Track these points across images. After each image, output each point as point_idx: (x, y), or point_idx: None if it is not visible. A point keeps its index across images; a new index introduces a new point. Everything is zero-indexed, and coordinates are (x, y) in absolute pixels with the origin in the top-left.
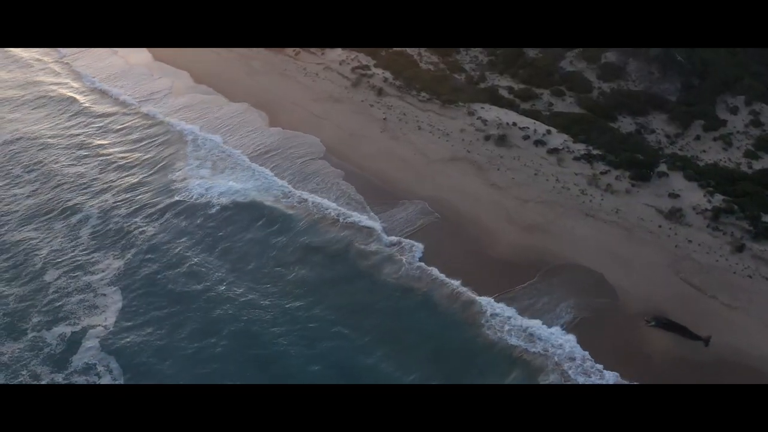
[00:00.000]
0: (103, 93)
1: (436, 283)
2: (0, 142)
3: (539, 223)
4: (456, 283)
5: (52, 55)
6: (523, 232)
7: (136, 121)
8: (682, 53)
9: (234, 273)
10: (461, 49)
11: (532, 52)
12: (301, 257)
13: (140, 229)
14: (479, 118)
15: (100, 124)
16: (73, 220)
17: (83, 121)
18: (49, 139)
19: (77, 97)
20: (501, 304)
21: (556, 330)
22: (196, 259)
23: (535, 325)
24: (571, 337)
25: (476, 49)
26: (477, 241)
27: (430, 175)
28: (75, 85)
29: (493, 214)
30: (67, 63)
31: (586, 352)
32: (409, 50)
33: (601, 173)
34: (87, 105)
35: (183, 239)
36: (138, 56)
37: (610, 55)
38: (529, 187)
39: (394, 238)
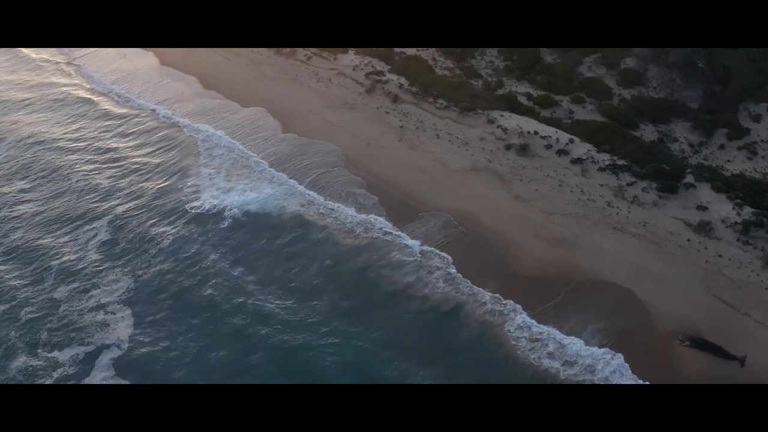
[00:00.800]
0: (115, 96)
1: (467, 296)
2: (12, 146)
3: (566, 237)
4: (488, 297)
5: (61, 57)
6: (551, 246)
7: (150, 125)
8: (703, 59)
9: (257, 289)
10: (476, 53)
11: (549, 57)
12: (326, 270)
13: (153, 243)
14: (499, 126)
15: (113, 129)
16: (83, 232)
17: (95, 125)
18: (60, 144)
19: (90, 100)
20: (536, 322)
21: (595, 349)
22: (214, 277)
23: (574, 343)
24: (618, 354)
25: (492, 53)
26: (504, 256)
27: (452, 187)
28: (87, 87)
29: (519, 227)
30: (76, 65)
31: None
32: (423, 55)
33: (627, 185)
34: (99, 108)
35: (199, 253)
36: (145, 60)
37: (630, 61)
38: (554, 199)
39: (423, 248)
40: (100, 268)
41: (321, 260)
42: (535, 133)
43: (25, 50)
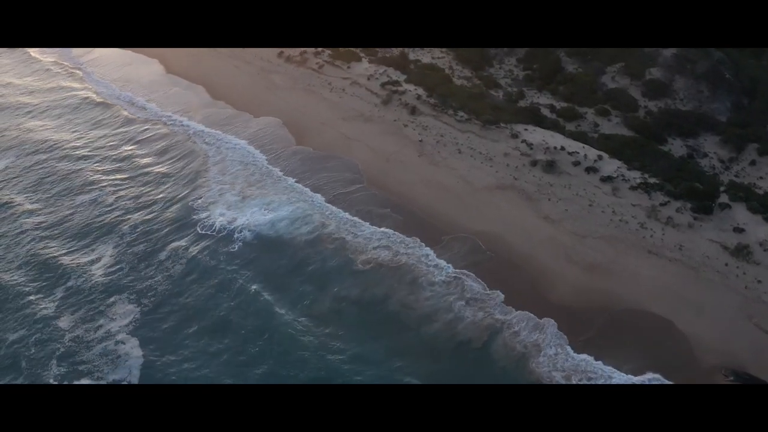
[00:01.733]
0: (124, 105)
1: (500, 324)
2: (19, 155)
3: (600, 262)
4: (520, 327)
5: (67, 63)
6: (584, 272)
7: (159, 135)
8: (730, 70)
9: (276, 318)
10: (495, 62)
11: (570, 67)
12: (350, 298)
13: (161, 269)
14: (524, 141)
15: (122, 139)
16: (88, 254)
17: (103, 134)
18: (67, 154)
19: (98, 108)
20: (572, 355)
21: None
22: (230, 306)
23: (613, 378)
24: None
25: (511, 62)
26: (535, 282)
27: (477, 206)
28: (95, 95)
29: (550, 251)
30: (84, 72)
31: None
32: (439, 63)
33: (661, 205)
34: (108, 117)
35: (212, 280)
36: (150, 68)
37: (655, 71)
38: (585, 221)
39: (452, 272)
40: (107, 294)
41: (345, 286)
42: (562, 148)
43: (31, 56)
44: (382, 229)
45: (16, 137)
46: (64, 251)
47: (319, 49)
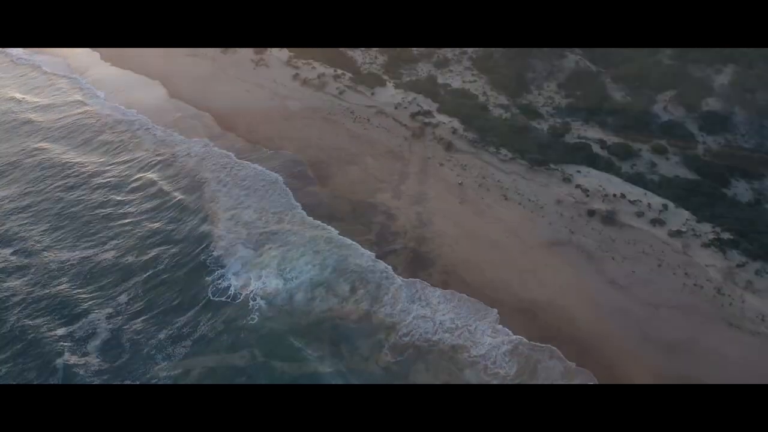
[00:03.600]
0: (122, 130)
1: None
2: (20, 186)
3: (678, 339)
4: None
5: (65, 81)
6: (663, 354)
7: (164, 166)
8: None
9: None
10: (533, 88)
11: (617, 94)
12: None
13: (164, 349)
14: (578, 186)
15: (123, 170)
16: (80, 326)
17: (104, 161)
18: (64, 184)
19: (99, 130)
20: None
21: None
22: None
23: None
24: None
25: (550, 88)
26: (610, 369)
27: (532, 268)
28: (96, 116)
29: (622, 327)
30: (88, 93)
31: None
32: (471, 88)
33: (738, 266)
34: (107, 142)
35: (223, 363)
36: (151, 91)
37: (713, 102)
38: (656, 285)
39: (512, 349)
40: (105, 382)
41: (376, 378)
42: (622, 196)
43: (34, 72)
44: (424, 297)
45: (10, 161)
46: (52, 325)
47: (339, 71)
